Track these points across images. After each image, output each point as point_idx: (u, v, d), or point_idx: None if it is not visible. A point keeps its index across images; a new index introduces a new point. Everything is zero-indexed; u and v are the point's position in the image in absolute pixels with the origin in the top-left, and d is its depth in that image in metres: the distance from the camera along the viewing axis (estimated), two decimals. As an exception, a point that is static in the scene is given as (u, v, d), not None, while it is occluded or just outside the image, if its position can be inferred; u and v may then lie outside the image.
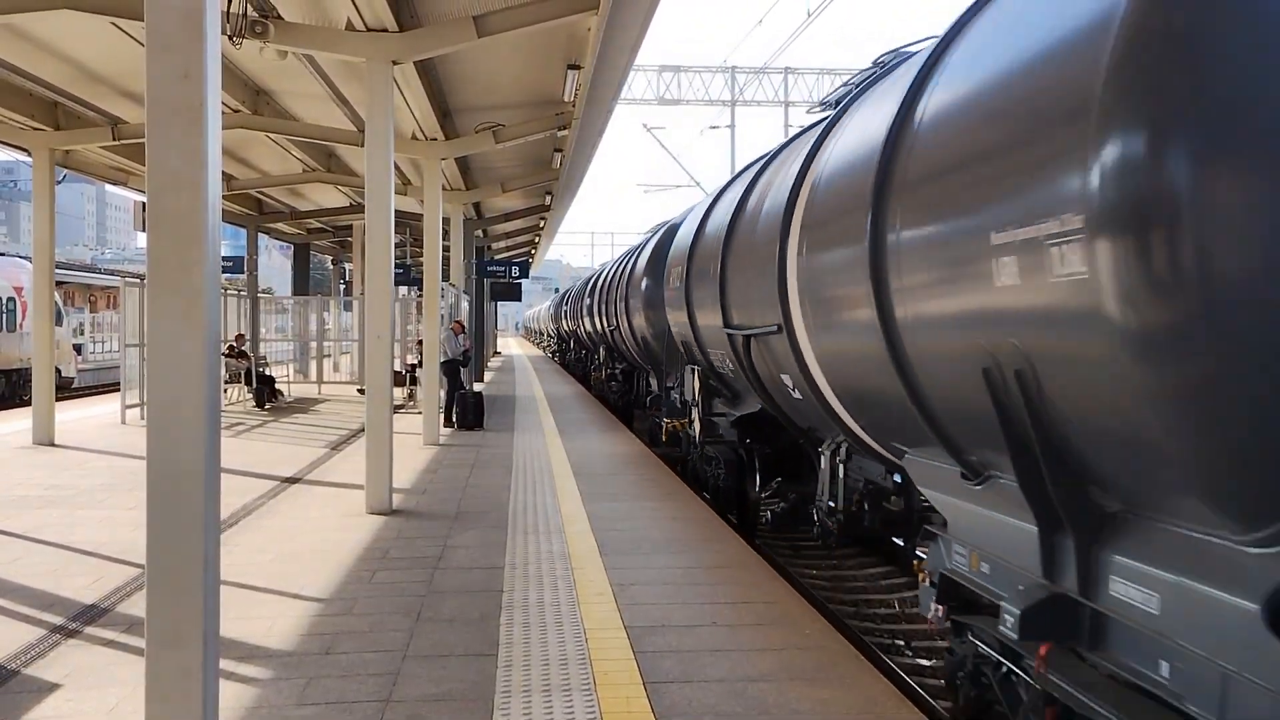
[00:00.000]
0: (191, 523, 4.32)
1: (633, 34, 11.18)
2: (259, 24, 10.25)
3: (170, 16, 4.34)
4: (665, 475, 12.57)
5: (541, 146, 19.03)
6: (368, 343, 10.78)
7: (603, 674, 5.44)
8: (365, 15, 10.24)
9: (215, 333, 4.50)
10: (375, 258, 10.54)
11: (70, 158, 17.12)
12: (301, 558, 8.13)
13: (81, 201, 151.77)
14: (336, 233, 32.02)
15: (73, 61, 12.98)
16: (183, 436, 4.33)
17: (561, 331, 47.25)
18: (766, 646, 5.94)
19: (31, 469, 12.56)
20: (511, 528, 9.30)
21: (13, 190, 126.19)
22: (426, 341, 16.02)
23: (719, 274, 9.97)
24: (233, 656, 5.65)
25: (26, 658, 5.68)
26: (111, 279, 36.62)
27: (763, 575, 7.68)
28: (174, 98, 4.34)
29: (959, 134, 4.62)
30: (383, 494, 10.12)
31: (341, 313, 35.17)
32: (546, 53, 13.07)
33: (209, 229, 4.39)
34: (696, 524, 9.59)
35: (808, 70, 39.21)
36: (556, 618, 6.49)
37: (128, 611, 6.56)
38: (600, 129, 17.28)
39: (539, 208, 28.90)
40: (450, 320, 19.36)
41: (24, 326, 27.28)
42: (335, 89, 14.11)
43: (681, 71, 39.09)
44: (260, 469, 12.68)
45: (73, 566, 7.78)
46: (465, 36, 10.74)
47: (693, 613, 6.64)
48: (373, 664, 5.61)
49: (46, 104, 14.77)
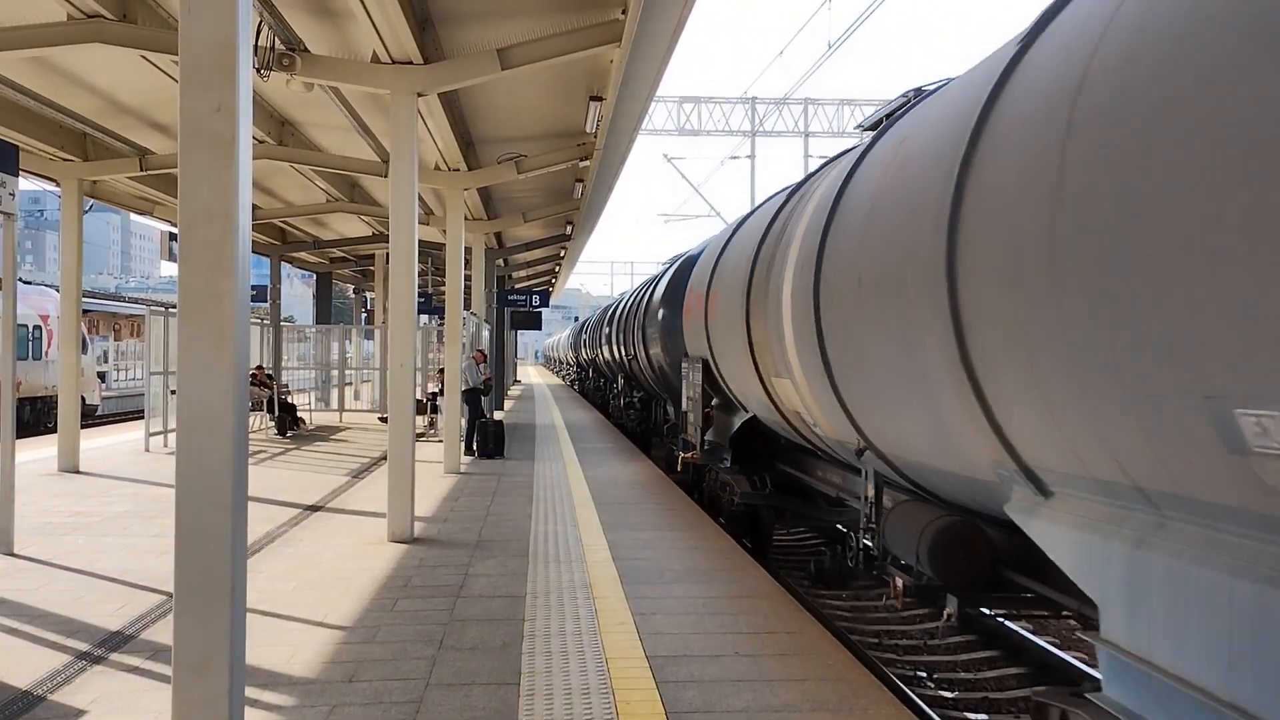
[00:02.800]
0: (219, 550, 4.36)
1: (654, 66, 11.29)
2: (286, 57, 10.40)
3: (203, 51, 4.43)
4: (685, 504, 12.55)
5: (563, 177, 19.15)
6: (390, 371, 10.85)
7: (625, 704, 5.44)
8: (390, 48, 10.37)
9: (244, 362, 4.56)
10: (398, 287, 10.62)
11: (98, 188, 17.35)
12: (324, 585, 8.16)
13: (107, 230, 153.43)
14: (358, 262, 32.24)
15: (102, 93, 13.18)
16: (211, 464, 4.38)
17: (581, 360, 47.39)
18: (789, 677, 5.92)
19: (57, 496, 12.65)
20: (532, 556, 9.30)
21: (40, 220, 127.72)
22: (448, 370, 16.07)
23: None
24: (257, 684, 5.68)
25: (53, 684, 5.72)
26: (136, 307, 36.96)
27: (784, 605, 7.65)
28: (206, 131, 4.43)
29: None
30: (404, 522, 10.15)
31: (363, 341, 35.34)
32: (569, 85, 13.19)
33: (239, 259, 4.46)
34: (717, 554, 9.57)
35: (828, 101, 39.33)
36: (578, 647, 6.49)
37: (153, 638, 6.60)
38: (621, 159, 17.39)
39: (560, 237, 29.03)
40: (471, 349, 19.45)
41: (49, 354, 27.55)
42: (359, 120, 14.26)
43: (702, 102, 39.29)
44: (283, 496, 12.75)
45: (98, 593, 7.83)
46: (489, 69, 10.86)
47: (714, 643, 6.63)
48: (396, 692, 5.62)
49: (75, 135, 15.00)
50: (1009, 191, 4.32)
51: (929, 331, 5.16)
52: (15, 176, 8.92)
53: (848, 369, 6.75)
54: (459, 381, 16.14)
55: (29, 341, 27.10)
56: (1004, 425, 4.71)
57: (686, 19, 9.76)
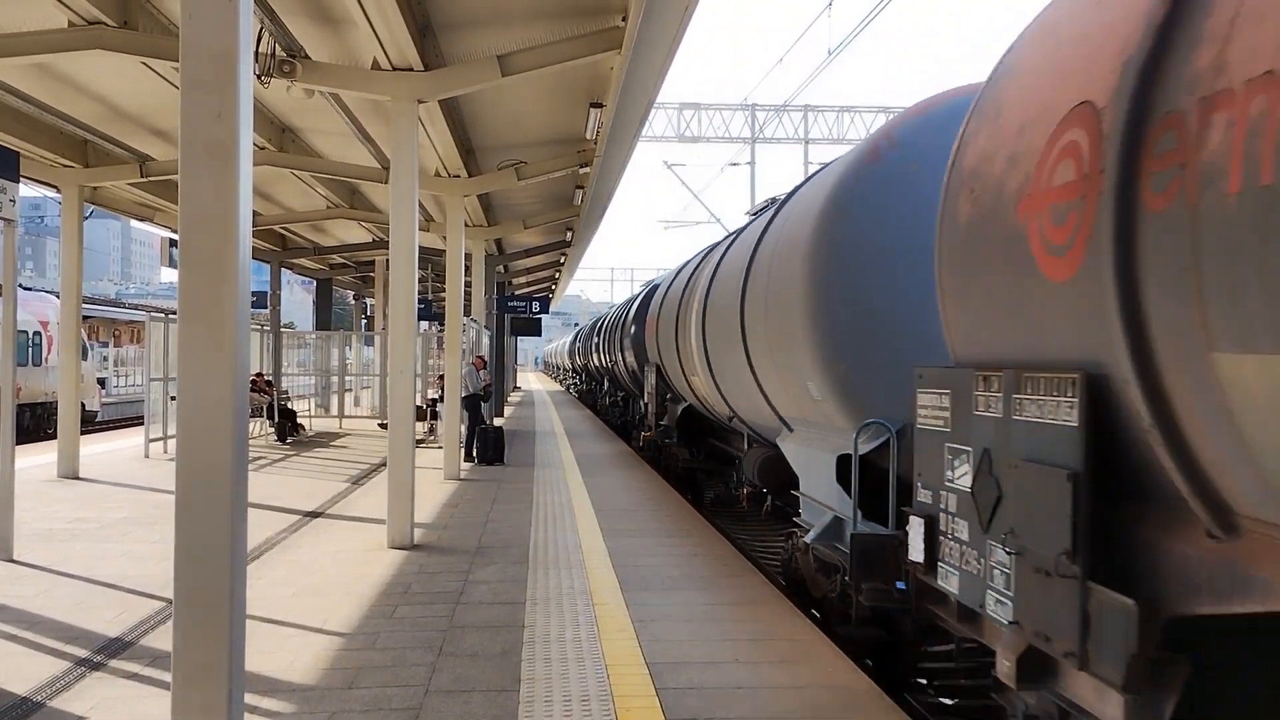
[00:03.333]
0: (219, 556, 4.36)
1: (655, 73, 11.30)
2: (287, 64, 10.42)
3: (204, 58, 4.44)
4: (685, 511, 12.55)
5: (563, 183, 19.18)
6: (390, 378, 10.86)
7: (625, 711, 5.43)
8: (391, 55, 10.39)
9: (245, 367, 4.56)
10: (398, 294, 10.63)
11: (98, 194, 17.36)
12: (324, 592, 8.15)
13: (107, 237, 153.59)
14: (359, 268, 32.27)
15: (103, 100, 13.20)
16: (211, 470, 4.38)
17: (576, 366, 52.07)
18: (789, 684, 5.92)
19: (57, 502, 12.65)
20: (532, 563, 9.30)
21: (39, 226, 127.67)
22: (448, 376, 16.07)
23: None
24: (256, 690, 5.66)
25: (52, 690, 5.71)
26: (136, 313, 36.98)
27: (784, 612, 7.65)
28: (207, 137, 4.44)
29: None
30: (404, 528, 10.14)
31: (363, 347, 35.36)
32: (569, 91, 13.21)
33: (239, 265, 4.46)
34: (717, 560, 9.56)
35: (828, 108, 39.34)
36: (578, 653, 6.48)
37: (153, 645, 6.59)
38: (621, 166, 17.41)
39: (560, 244, 29.06)
40: (471, 355, 19.44)
41: (49, 361, 27.55)
42: (360, 126, 14.28)
43: (702, 109, 39.30)
44: (282, 503, 12.74)
45: (97, 599, 7.82)
46: (489, 76, 10.87)
47: (714, 649, 6.62)
48: (395, 699, 5.61)
49: (76, 142, 15.02)
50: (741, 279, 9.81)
51: (739, 347, 9.63)
52: (16, 183, 8.93)
53: (721, 369, 11.19)
54: (459, 388, 16.15)
55: (29, 347, 27.10)
56: (771, 399, 9.04)
57: (687, 26, 9.77)
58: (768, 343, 8.48)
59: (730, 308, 10.02)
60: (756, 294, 8.91)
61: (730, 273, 10.56)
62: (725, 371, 10.84)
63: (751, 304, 9.09)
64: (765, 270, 8.67)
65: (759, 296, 8.76)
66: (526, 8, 10.33)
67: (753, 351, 9.09)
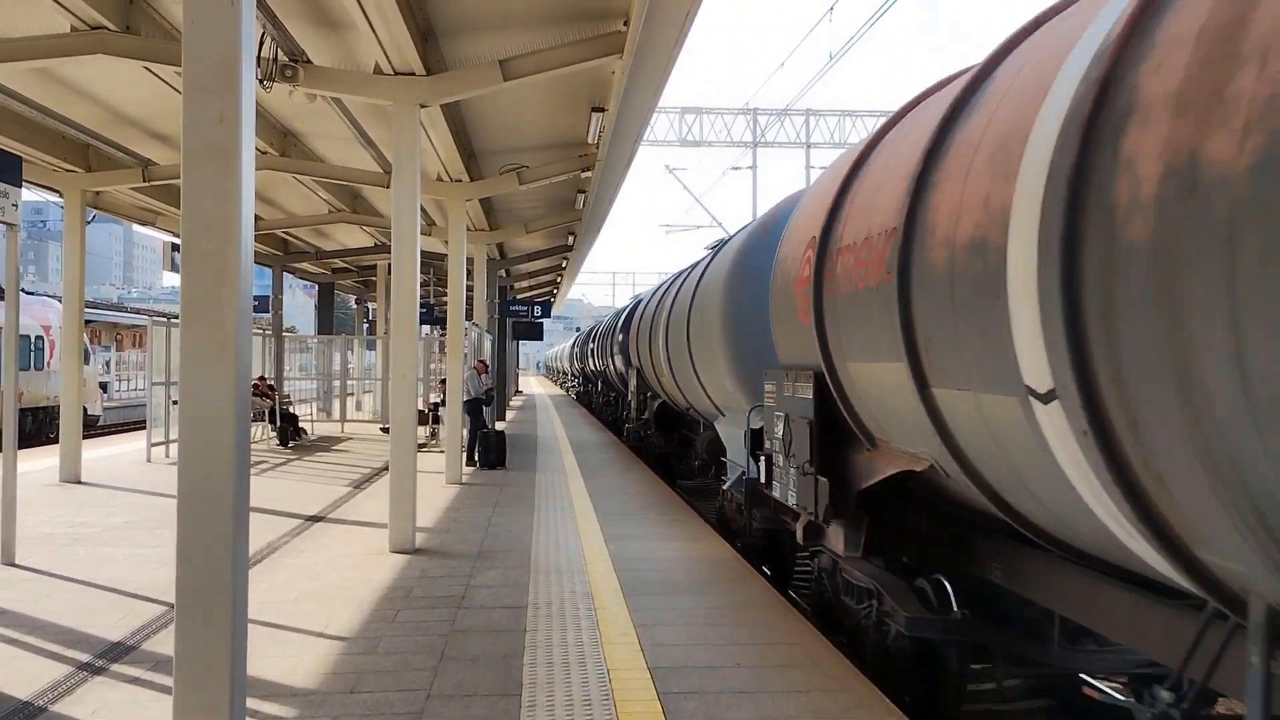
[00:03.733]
0: (221, 560, 4.36)
1: (656, 77, 11.31)
2: (289, 68, 10.44)
3: (207, 63, 4.45)
4: (689, 516, 12.55)
5: (565, 188, 19.19)
6: (392, 382, 10.86)
7: (626, 715, 5.43)
8: (393, 59, 10.40)
9: (246, 371, 4.57)
10: (401, 298, 10.63)
11: (100, 199, 17.39)
12: (325, 596, 8.15)
13: (109, 241, 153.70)
14: (360, 272, 32.29)
15: (105, 104, 13.22)
16: (213, 474, 4.38)
17: (574, 369, 56.68)
18: (791, 688, 5.91)
19: (58, 506, 12.66)
20: (534, 567, 9.30)
21: (42, 230, 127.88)
22: (450, 380, 16.08)
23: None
24: (257, 695, 5.66)
25: (54, 694, 5.71)
26: (138, 318, 37.02)
27: (786, 616, 7.64)
28: (209, 141, 4.44)
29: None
30: (406, 533, 10.14)
31: (365, 352, 35.36)
32: (571, 96, 13.22)
33: (241, 269, 4.47)
34: (719, 565, 9.56)
35: (829, 112, 39.37)
36: (580, 658, 6.48)
37: (154, 649, 6.60)
38: (623, 170, 17.43)
39: (562, 248, 29.08)
40: (473, 359, 19.45)
41: (51, 365, 27.57)
42: (362, 131, 14.30)
43: (704, 113, 39.34)
44: (284, 507, 12.74)
45: (99, 603, 7.82)
46: (491, 80, 10.89)
47: (716, 654, 6.62)
48: (397, 703, 5.61)
49: (79, 146, 15.04)
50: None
51: (687, 356, 13.44)
52: (18, 187, 8.94)
53: (678, 371, 14.96)
54: (461, 392, 16.15)
55: (31, 352, 27.13)
56: (709, 391, 12.83)
57: (689, 31, 9.78)
58: (702, 355, 12.66)
59: (680, 327, 14.27)
60: (696, 320, 12.97)
61: (682, 302, 14.66)
62: (680, 373, 14.98)
63: (694, 326, 13.12)
64: (701, 304, 12.84)
65: (698, 321, 12.83)
66: (528, 12, 10.34)
67: (695, 360, 13.24)
